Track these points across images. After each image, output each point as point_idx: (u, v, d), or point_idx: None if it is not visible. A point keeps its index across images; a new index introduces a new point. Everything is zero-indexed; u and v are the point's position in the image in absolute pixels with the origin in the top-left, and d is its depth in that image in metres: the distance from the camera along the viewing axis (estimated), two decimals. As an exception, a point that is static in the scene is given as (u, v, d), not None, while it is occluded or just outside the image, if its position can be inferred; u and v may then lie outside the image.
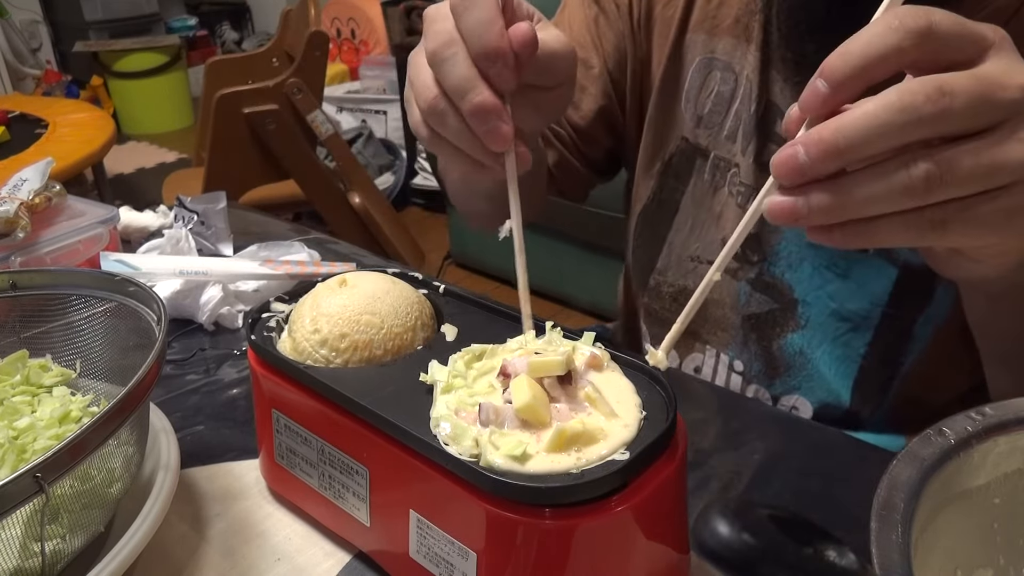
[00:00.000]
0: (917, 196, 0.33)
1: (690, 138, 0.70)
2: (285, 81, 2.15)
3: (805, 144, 0.32)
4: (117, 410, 0.39)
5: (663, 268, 0.74)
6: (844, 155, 0.32)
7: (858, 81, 0.33)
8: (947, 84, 0.32)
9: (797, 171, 0.33)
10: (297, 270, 0.75)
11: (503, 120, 0.43)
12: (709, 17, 0.67)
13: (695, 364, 0.75)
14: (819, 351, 0.67)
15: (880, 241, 0.35)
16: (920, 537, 0.28)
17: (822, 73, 0.33)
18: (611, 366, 0.42)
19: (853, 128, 0.32)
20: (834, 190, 0.33)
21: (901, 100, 0.31)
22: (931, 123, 0.32)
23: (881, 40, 0.32)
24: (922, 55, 0.33)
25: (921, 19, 0.32)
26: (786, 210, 0.34)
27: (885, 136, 0.32)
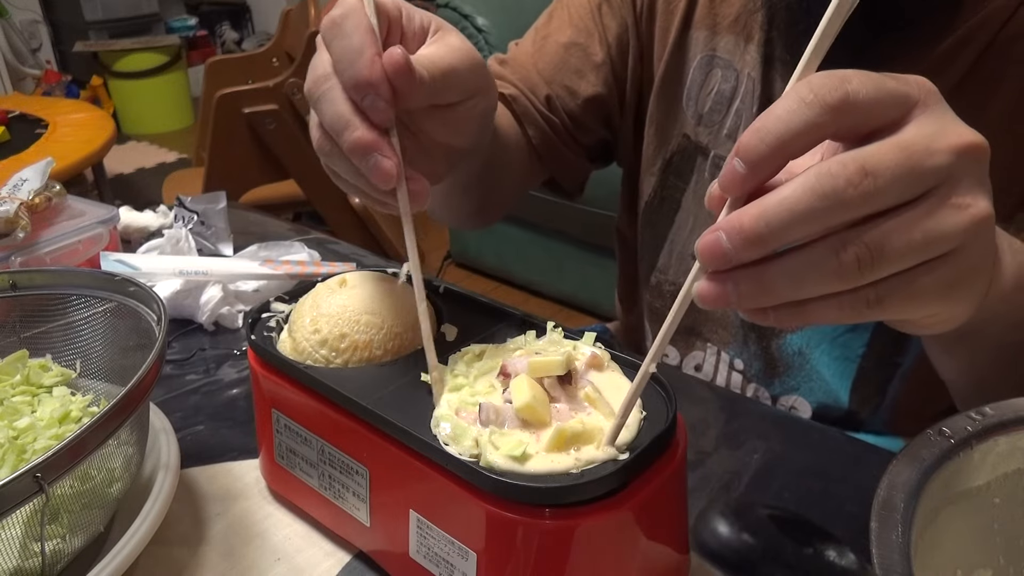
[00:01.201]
0: (850, 279, 0.31)
1: (691, 136, 0.70)
2: (285, 81, 2.15)
3: (727, 231, 0.31)
4: (117, 410, 0.39)
5: (664, 267, 0.74)
6: (767, 243, 0.30)
7: (776, 159, 0.31)
8: (869, 163, 0.30)
9: (722, 258, 0.31)
10: (297, 270, 0.75)
11: (384, 154, 0.40)
12: (711, 14, 0.67)
13: (696, 362, 0.75)
14: (817, 351, 0.67)
15: (816, 320, 0.33)
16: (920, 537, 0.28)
17: (738, 152, 0.31)
18: (611, 366, 0.42)
19: (775, 215, 0.30)
20: (761, 277, 0.32)
21: (822, 185, 0.30)
22: (856, 206, 0.30)
23: (795, 116, 0.30)
24: (841, 127, 0.31)
25: (836, 91, 0.30)
26: (716, 296, 0.32)
27: (807, 222, 0.30)
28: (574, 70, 0.72)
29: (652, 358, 0.35)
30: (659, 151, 0.73)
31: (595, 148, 0.77)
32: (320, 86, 0.41)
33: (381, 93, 0.39)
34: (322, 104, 0.41)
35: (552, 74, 0.72)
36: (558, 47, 0.72)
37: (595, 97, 0.72)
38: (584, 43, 0.72)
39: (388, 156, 0.40)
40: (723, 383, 0.73)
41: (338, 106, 0.40)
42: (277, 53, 2.53)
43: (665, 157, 0.72)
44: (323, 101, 0.41)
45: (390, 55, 0.39)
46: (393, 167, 0.40)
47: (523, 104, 0.71)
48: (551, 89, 0.72)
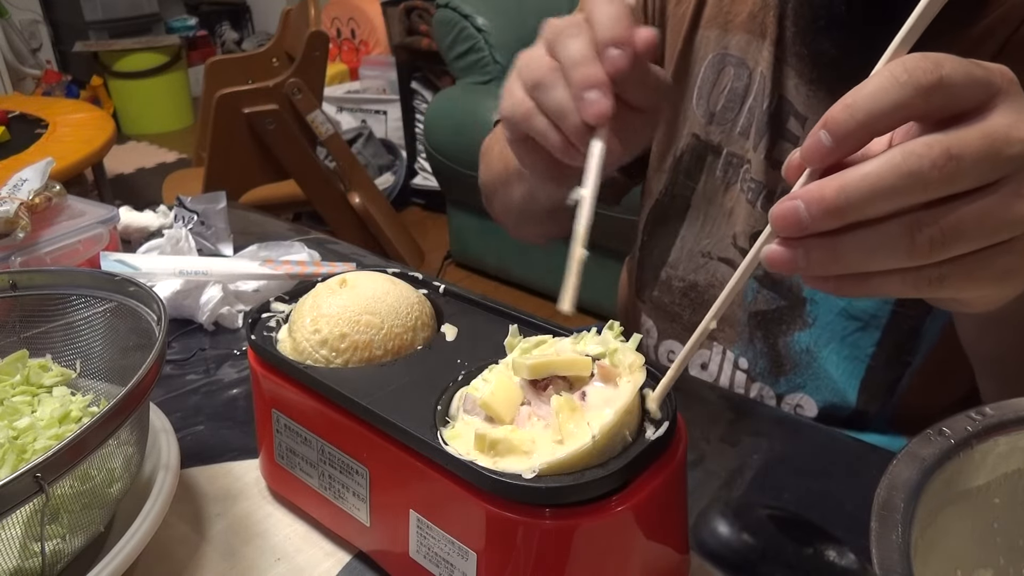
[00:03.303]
0: (919, 257, 0.32)
1: (701, 135, 0.70)
2: (285, 81, 2.15)
3: (806, 200, 0.32)
4: (117, 410, 0.39)
5: (675, 262, 0.74)
6: (845, 215, 0.32)
7: (863, 135, 0.32)
8: (954, 147, 0.31)
9: (796, 225, 0.32)
10: (297, 270, 0.75)
11: (607, 94, 0.43)
12: (722, 13, 0.67)
13: (702, 360, 0.75)
14: (826, 350, 0.67)
15: (876, 293, 0.35)
16: (920, 537, 0.28)
17: (826, 125, 0.32)
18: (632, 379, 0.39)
19: (856, 189, 0.31)
20: (834, 248, 0.33)
21: (907, 164, 0.31)
22: (936, 187, 0.31)
23: (888, 95, 0.31)
24: (930, 109, 0.32)
25: (932, 74, 0.31)
26: (785, 261, 0.33)
27: (888, 199, 0.31)
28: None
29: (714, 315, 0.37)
30: (668, 150, 0.73)
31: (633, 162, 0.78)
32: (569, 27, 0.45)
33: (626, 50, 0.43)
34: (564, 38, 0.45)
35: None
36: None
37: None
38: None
39: (608, 96, 0.43)
40: (727, 381, 0.73)
41: (580, 44, 0.44)
42: (277, 53, 2.53)
43: (675, 155, 0.73)
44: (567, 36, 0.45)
45: (644, 30, 0.44)
46: (608, 106, 0.43)
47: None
48: None
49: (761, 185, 0.67)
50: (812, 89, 0.63)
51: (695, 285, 0.73)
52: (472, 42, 2.40)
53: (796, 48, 0.63)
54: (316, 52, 2.20)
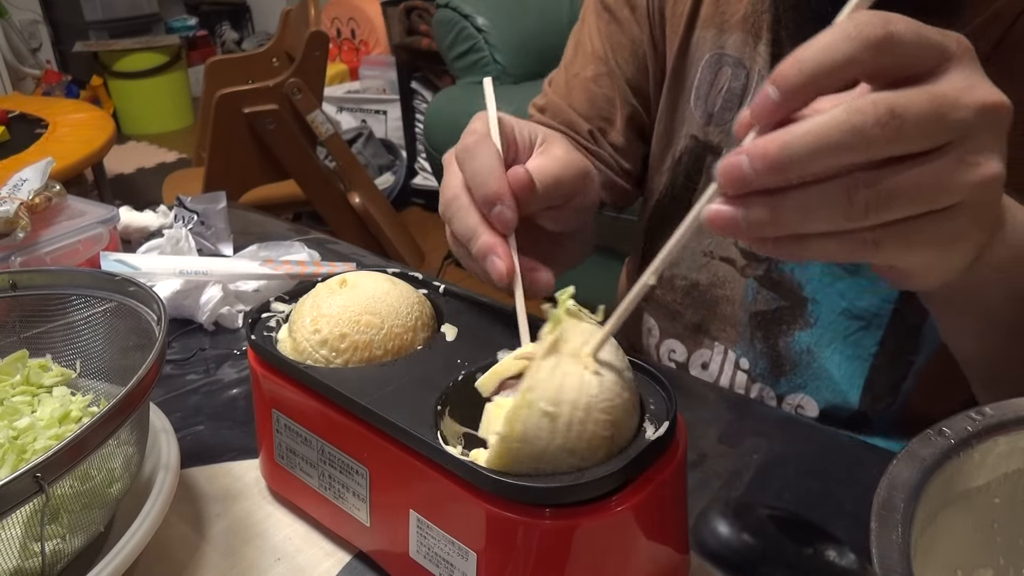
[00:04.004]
0: (856, 219, 0.32)
1: (700, 136, 0.70)
2: (285, 81, 2.15)
3: (750, 155, 0.32)
4: (117, 410, 0.39)
5: (676, 260, 0.74)
6: (787, 171, 0.31)
7: (810, 90, 0.32)
8: (899, 105, 0.31)
9: (740, 181, 0.32)
10: (297, 270, 0.75)
11: (502, 255, 0.46)
12: (718, 13, 0.67)
13: (703, 360, 0.75)
14: (828, 350, 0.67)
15: (812, 256, 0.35)
16: (920, 537, 0.28)
17: (774, 80, 0.32)
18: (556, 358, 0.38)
19: (799, 145, 0.31)
20: (773, 206, 0.33)
21: (851, 120, 0.31)
22: (879, 146, 0.31)
23: (836, 49, 0.31)
24: (879, 66, 0.32)
25: (879, 29, 0.31)
26: (724, 219, 0.33)
27: (831, 155, 0.31)
28: (606, 99, 0.75)
29: (654, 271, 0.37)
30: (667, 150, 0.73)
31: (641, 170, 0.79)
32: (452, 203, 0.49)
33: (507, 204, 0.46)
34: (455, 219, 0.48)
35: (588, 110, 0.75)
36: (586, 82, 0.75)
37: (628, 118, 0.75)
38: (607, 71, 0.74)
39: (502, 258, 0.46)
40: (728, 382, 0.73)
41: (469, 219, 0.47)
42: (277, 53, 2.53)
43: (675, 156, 0.73)
44: (456, 216, 0.48)
45: (514, 173, 0.47)
46: (506, 267, 0.45)
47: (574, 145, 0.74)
48: (591, 124, 0.75)
49: None
50: None
51: (697, 284, 0.73)
52: (472, 42, 2.41)
53: (791, 47, 0.63)
54: (316, 52, 2.20)
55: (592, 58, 0.75)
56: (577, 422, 0.35)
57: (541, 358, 0.37)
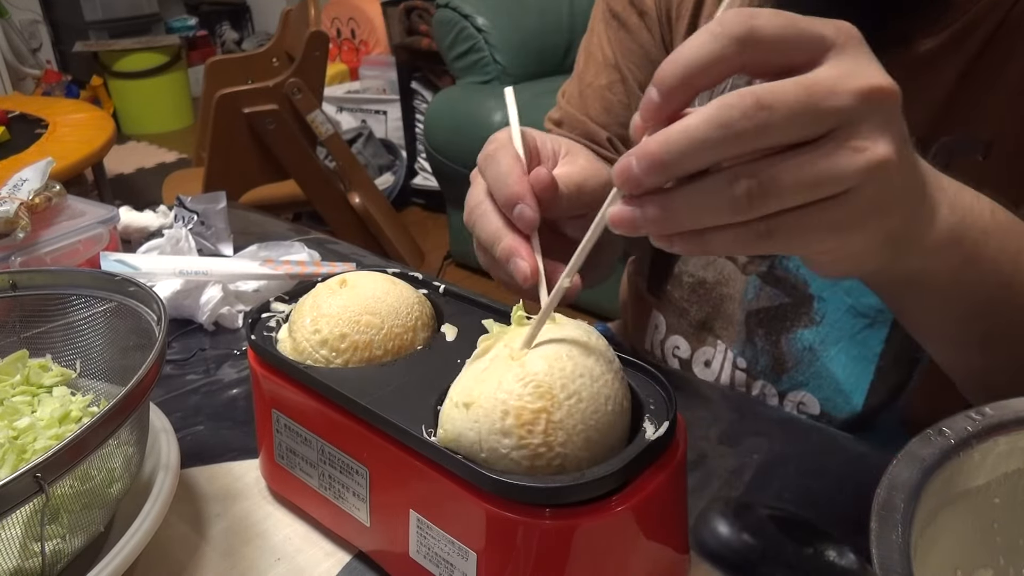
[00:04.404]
0: (740, 211, 0.33)
1: None
2: (285, 81, 2.15)
3: (637, 156, 0.33)
4: (117, 410, 0.39)
5: (686, 258, 0.75)
6: (668, 169, 0.32)
7: (686, 89, 0.32)
8: (766, 97, 0.31)
9: (631, 181, 0.33)
10: (297, 270, 0.75)
11: (526, 256, 0.46)
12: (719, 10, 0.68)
13: (706, 358, 0.75)
14: (834, 349, 0.67)
15: (714, 250, 0.35)
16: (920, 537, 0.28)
17: (655, 81, 0.33)
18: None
19: (676, 142, 0.32)
20: (663, 203, 0.34)
21: (719, 115, 0.31)
22: (750, 138, 0.31)
23: (705, 48, 0.32)
24: (748, 61, 0.32)
25: (742, 25, 0.31)
26: (624, 219, 0.34)
27: (706, 151, 0.32)
28: (622, 105, 0.75)
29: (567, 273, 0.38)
30: None
31: None
32: (476, 210, 0.49)
33: (528, 204, 0.46)
34: (478, 224, 0.49)
35: (604, 118, 0.75)
36: (600, 90, 0.76)
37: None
38: (620, 78, 0.75)
39: (525, 259, 0.45)
40: (728, 380, 0.73)
41: (491, 223, 0.48)
42: (277, 53, 2.53)
43: None
44: (479, 222, 0.49)
45: (536, 173, 0.47)
46: (530, 267, 0.45)
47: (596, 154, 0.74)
48: (609, 131, 0.75)
49: None
50: None
51: (703, 281, 0.73)
52: (472, 42, 2.41)
53: None
54: (316, 52, 2.20)
55: (604, 66, 0.76)
56: (499, 403, 0.36)
57: (468, 365, 0.39)
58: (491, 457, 0.36)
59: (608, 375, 0.37)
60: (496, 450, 0.36)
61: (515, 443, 0.35)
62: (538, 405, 0.35)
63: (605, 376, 0.37)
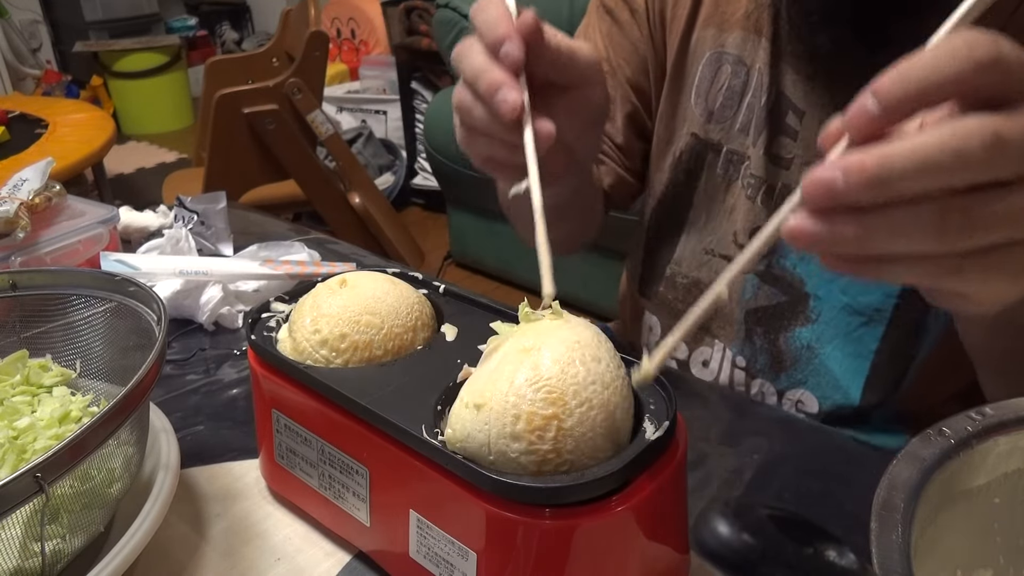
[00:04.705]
0: (947, 243, 0.32)
1: (700, 134, 0.71)
2: (285, 81, 2.15)
3: (845, 170, 0.30)
4: (117, 410, 0.39)
5: (679, 259, 0.75)
6: (885, 188, 0.30)
7: (912, 105, 0.31)
8: (1004, 130, 0.30)
9: (830, 195, 0.31)
10: (297, 270, 0.75)
11: (512, 88, 0.46)
12: (718, 11, 0.68)
13: (704, 357, 0.75)
14: (830, 347, 0.67)
15: (892, 278, 0.34)
16: (920, 537, 0.28)
17: (875, 92, 0.31)
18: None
19: (901, 162, 0.30)
20: (862, 224, 0.31)
21: (956, 141, 0.30)
22: (979, 170, 0.30)
23: (944, 66, 0.30)
24: (982, 86, 0.31)
25: (991, 49, 0.30)
26: (807, 234, 0.32)
27: (931, 176, 0.30)
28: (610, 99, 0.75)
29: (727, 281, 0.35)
30: (667, 148, 0.74)
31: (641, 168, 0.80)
32: (464, 50, 0.49)
33: (514, 42, 0.46)
34: (465, 60, 0.49)
35: None
36: None
37: (627, 116, 0.76)
38: (608, 70, 0.75)
39: (515, 89, 0.46)
40: (727, 379, 0.73)
41: (477, 59, 0.48)
42: (277, 53, 2.53)
43: (675, 154, 0.73)
44: (465, 58, 0.49)
45: (523, 15, 0.47)
46: (518, 97, 0.46)
47: None
48: None
49: (761, 181, 0.67)
50: (809, 84, 0.63)
51: (698, 282, 0.73)
52: (472, 42, 2.40)
53: (792, 44, 0.63)
54: (316, 52, 2.20)
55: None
56: (511, 407, 0.35)
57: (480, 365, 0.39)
58: (499, 460, 0.36)
59: (618, 381, 0.38)
60: (505, 453, 0.36)
61: (525, 448, 0.35)
62: (550, 412, 0.35)
63: (615, 383, 0.37)
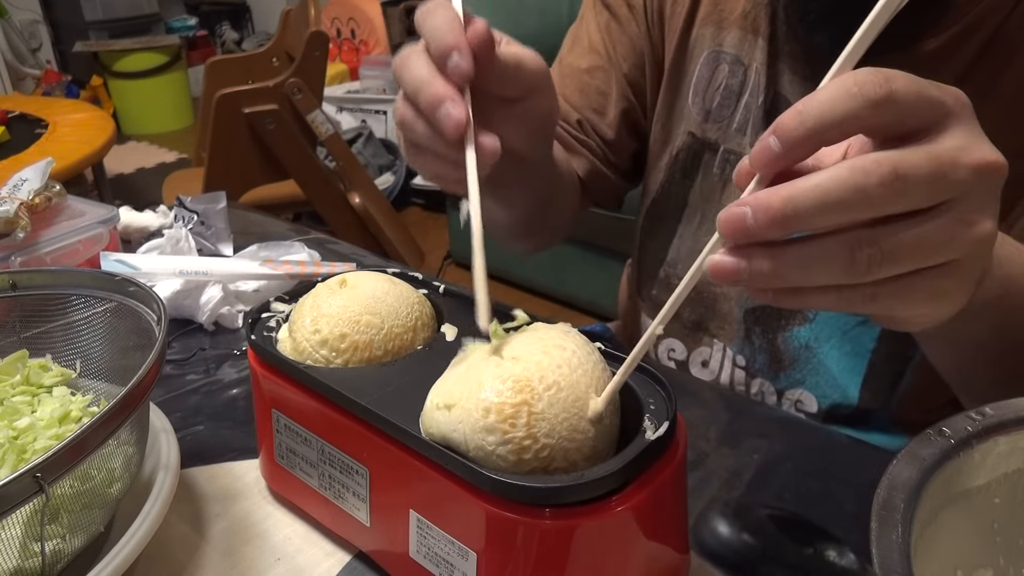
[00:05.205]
0: (856, 275, 0.33)
1: (697, 133, 0.71)
2: (285, 81, 2.15)
3: (754, 207, 0.32)
4: (117, 410, 0.39)
5: (673, 260, 0.75)
6: (790, 225, 0.32)
7: (812, 143, 0.32)
8: (902, 166, 0.31)
9: (742, 232, 0.32)
10: (297, 270, 0.75)
11: (456, 103, 0.43)
12: (716, 10, 0.68)
13: (702, 358, 0.75)
14: (827, 345, 0.67)
15: (811, 307, 0.35)
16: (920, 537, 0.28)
17: (775, 131, 0.32)
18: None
19: (803, 200, 0.31)
20: (775, 259, 0.33)
21: (854, 179, 0.31)
22: (879, 205, 0.32)
23: (839, 105, 0.31)
24: (879, 123, 0.32)
25: (882, 88, 0.31)
26: (727, 271, 0.33)
27: (834, 212, 0.31)
28: (598, 92, 0.75)
29: (660, 321, 0.36)
30: (664, 147, 0.74)
31: (631, 165, 0.80)
32: (407, 58, 0.46)
33: (463, 54, 0.43)
34: (407, 68, 0.46)
35: (579, 100, 0.75)
36: (580, 73, 0.76)
37: (622, 112, 0.75)
38: (602, 65, 0.75)
39: (458, 104, 0.43)
40: (727, 379, 0.73)
41: (421, 70, 0.45)
42: (277, 53, 2.53)
43: (672, 153, 0.73)
44: (407, 67, 0.46)
45: (474, 26, 0.44)
46: (462, 113, 0.43)
47: (559, 133, 0.75)
48: (581, 114, 0.75)
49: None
50: (807, 84, 0.63)
51: None
52: (472, 42, 2.40)
53: (789, 44, 0.64)
54: (316, 52, 2.20)
55: (589, 51, 0.76)
56: (480, 402, 0.36)
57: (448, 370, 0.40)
58: (478, 456, 0.36)
59: (587, 364, 0.38)
60: (482, 448, 0.36)
61: (499, 439, 0.35)
62: (518, 399, 0.36)
63: (584, 365, 0.38)
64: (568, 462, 0.36)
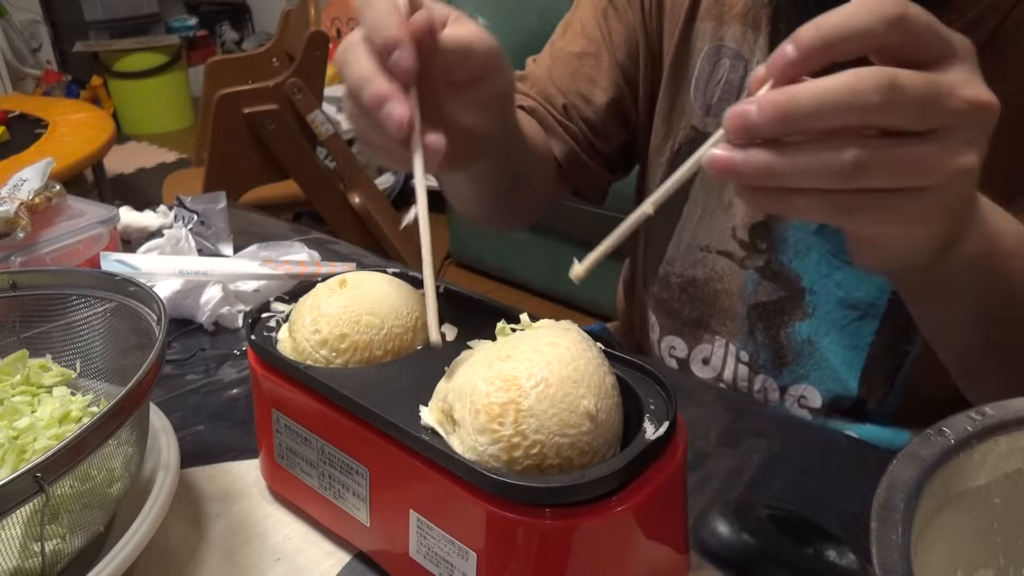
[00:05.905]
0: (842, 179, 0.35)
1: (699, 127, 0.71)
2: (285, 81, 2.15)
3: (759, 104, 0.34)
4: (117, 410, 0.39)
5: (672, 258, 0.74)
6: (791, 121, 0.34)
7: (825, 53, 0.34)
8: (900, 79, 0.33)
9: (746, 127, 0.34)
10: (297, 270, 0.75)
11: (399, 101, 0.42)
12: (718, 5, 0.68)
13: (704, 355, 0.75)
14: (827, 340, 0.67)
15: (795, 212, 0.37)
16: (920, 537, 0.28)
17: (793, 39, 0.34)
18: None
19: (805, 98, 0.33)
20: (772, 155, 0.35)
21: (855, 83, 0.33)
22: (876, 112, 0.33)
23: (855, 19, 0.34)
24: (889, 43, 0.34)
25: (897, 7, 0.34)
26: (724, 162, 0.35)
27: (832, 113, 0.33)
28: (587, 78, 0.74)
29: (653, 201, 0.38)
30: (666, 142, 0.74)
31: (615, 156, 0.79)
32: (349, 50, 0.44)
33: (405, 50, 0.42)
34: (349, 64, 0.44)
35: (566, 84, 0.75)
36: (570, 57, 0.75)
37: (611, 101, 0.75)
38: (595, 51, 0.74)
39: (400, 103, 0.42)
40: (731, 375, 0.73)
41: (362, 65, 0.43)
42: (277, 53, 2.53)
43: (673, 148, 0.73)
44: (349, 62, 0.44)
45: (415, 17, 0.43)
46: (406, 112, 0.42)
47: (542, 115, 0.74)
48: (567, 99, 0.74)
49: None
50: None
51: (693, 280, 0.73)
52: (472, 42, 2.40)
53: None
54: (316, 52, 2.20)
55: (581, 36, 0.75)
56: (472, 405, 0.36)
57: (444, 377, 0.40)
58: (473, 458, 0.36)
59: (580, 360, 0.37)
60: (475, 449, 0.36)
61: (490, 439, 0.36)
62: (506, 398, 0.36)
63: (577, 361, 0.37)
64: (562, 458, 0.36)
